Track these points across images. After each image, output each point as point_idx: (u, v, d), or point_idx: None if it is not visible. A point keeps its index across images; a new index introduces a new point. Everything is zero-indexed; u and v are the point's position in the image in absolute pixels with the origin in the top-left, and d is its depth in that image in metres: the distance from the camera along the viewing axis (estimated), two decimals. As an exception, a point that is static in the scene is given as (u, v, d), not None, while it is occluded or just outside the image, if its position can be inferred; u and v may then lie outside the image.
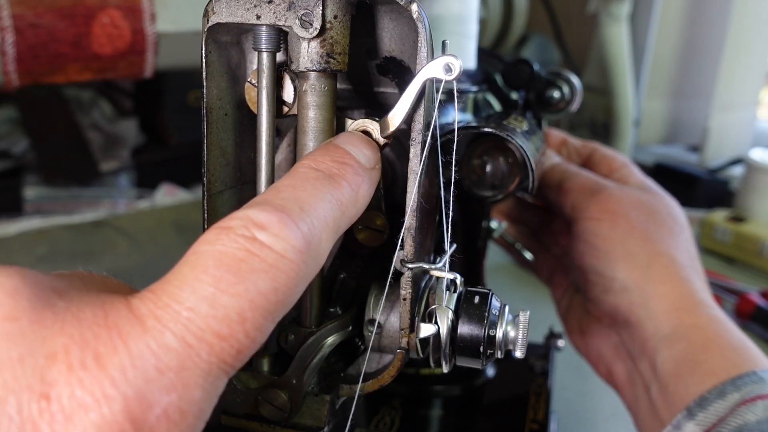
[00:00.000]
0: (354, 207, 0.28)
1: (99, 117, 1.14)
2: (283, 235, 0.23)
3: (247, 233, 0.23)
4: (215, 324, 0.21)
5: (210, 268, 0.22)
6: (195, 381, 0.21)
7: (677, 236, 0.52)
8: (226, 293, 0.22)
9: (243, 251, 0.23)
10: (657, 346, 0.47)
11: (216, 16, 0.30)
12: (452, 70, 0.29)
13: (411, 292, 0.31)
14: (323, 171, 0.27)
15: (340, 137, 0.30)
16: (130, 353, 0.20)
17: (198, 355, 0.21)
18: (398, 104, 0.30)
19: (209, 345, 0.21)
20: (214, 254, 0.23)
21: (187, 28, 0.60)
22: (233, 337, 0.22)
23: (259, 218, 0.24)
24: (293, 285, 0.24)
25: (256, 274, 0.22)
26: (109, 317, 0.21)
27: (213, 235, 0.23)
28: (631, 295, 0.49)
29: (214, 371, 0.21)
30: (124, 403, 0.20)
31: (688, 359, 0.46)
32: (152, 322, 0.21)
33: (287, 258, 0.23)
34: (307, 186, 0.26)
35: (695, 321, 0.47)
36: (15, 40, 0.49)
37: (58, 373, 0.20)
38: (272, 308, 0.23)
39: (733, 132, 1.26)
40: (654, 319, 0.48)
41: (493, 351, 0.32)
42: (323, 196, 0.26)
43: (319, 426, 0.32)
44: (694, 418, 0.43)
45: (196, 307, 0.21)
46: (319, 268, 0.26)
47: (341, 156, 0.28)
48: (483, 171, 0.44)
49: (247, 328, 0.22)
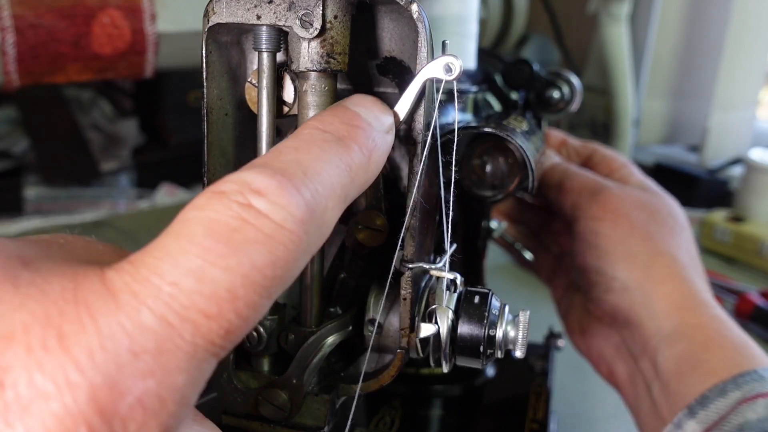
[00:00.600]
0: (365, 174, 0.25)
1: (99, 117, 1.14)
2: (282, 202, 0.21)
3: (242, 199, 0.20)
4: (201, 301, 0.19)
5: (198, 237, 0.19)
6: (177, 365, 0.18)
7: (678, 236, 0.52)
8: (215, 266, 0.19)
9: (237, 219, 0.20)
10: (658, 345, 0.47)
11: (216, 16, 0.30)
12: (452, 70, 0.29)
13: (411, 292, 0.31)
14: (331, 133, 0.24)
15: (351, 99, 0.27)
16: (100, 333, 0.18)
17: (180, 336, 0.18)
18: (398, 104, 0.30)
19: (194, 325, 0.19)
20: (204, 222, 0.20)
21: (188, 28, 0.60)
22: (222, 317, 0.19)
23: (256, 183, 0.21)
24: (293, 259, 0.21)
25: (250, 246, 0.20)
26: (79, 291, 0.19)
27: (204, 200, 0.21)
28: (632, 295, 0.49)
29: (200, 354, 0.19)
30: (90, 391, 0.17)
31: (690, 358, 0.46)
32: (127, 298, 0.18)
33: (286, 228, 0.20)
34: (313, 148, 0.23)
35: (696, 320, 0.47)
36: (15, 40, 0.49)
37: (15, 356, 0.17)
38: (268, 284, 0.20)
39: (732, 132, 1.26)
40: (655, 318, 0.48)
41: (493, 351, 0.32)
42: (330, 160, 0.23)
43: (319, 426, 0.33)
44: (695, 417, 0.43)
45: (179, 282, 0.19)
46: (323, 240, 0.23)
47: (351, 118, 0.26)
48: (483, 171, 0.44)
49: (239, 307, 0.19)
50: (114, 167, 1.11)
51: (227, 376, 0.33)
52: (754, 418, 0.41)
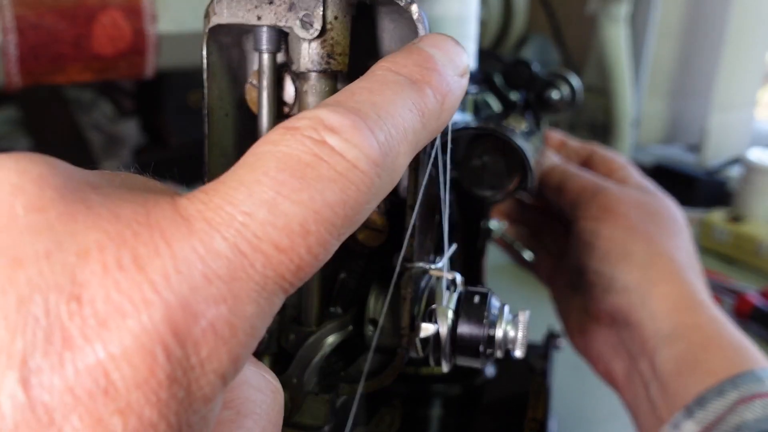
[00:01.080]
0: (437, 120, 0.24)
1: (100, 117, 1.14)
2: (356, 141, 0.20)
3: (316, 135, 0.20)
4: (274, 233, 0.18)
5: (272, 171, 0.19)
6: (247, 294, 0.18)
7: (677, 236, 0.52)
8: (288, 199, 0.19)
9: (310, 155, 0.19)
10: (657, 345, 0.48)
11: (217, 17, 0.30)
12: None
13: (411, 291, 0.32)
14: (405, 75, 0.24)
15: (426, 39, 0.26)
16: (174, 256, 0.17)
17: (252, 266, 0.18)
18: None
19: (266, 256, 0.18)
20: (277, 155, 0.19)
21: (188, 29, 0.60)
22: (294, 251, 0.19)
23: (331, 120, 0.20)
24: (364, 200, 0.20)
25: (323, 183, 0.19)
26: (152, 215, 0.18)
27: (278, 134, 0.20)
28: (630, 295, 0.49)
29: (269, 286, 0.19)
30: (166, 311, 0.17)
31: (688, 359, 0.46)
32: (201, 224, 0.18)
33: (359, 168, 0.20)
34: (386, 90, 0.23)
35: (695, 321, 0.47)
36: (17, 40, 0.49)
37: (91, 272, 0.17)
38: (339, 223, 0.20)
39: (731, 132, 1.26)
40: (654, 318, 0.48)
41: (492, 350, 0.32)
42: (404, 103, 0.23)
43: (320, 425, 0.33)
44: (693, 417, 0.43)
45: (253, 212, 0.18)
46: (393, 185, 0.22)
47: (426, 60, 0.25)
48: (483, 171, 0.44)
49: (310, 242, 0.19)
50: (114, 167, 1.11)
51: (228, 375, 0.33)
52: (751, 419, 0.41)
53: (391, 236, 0.33)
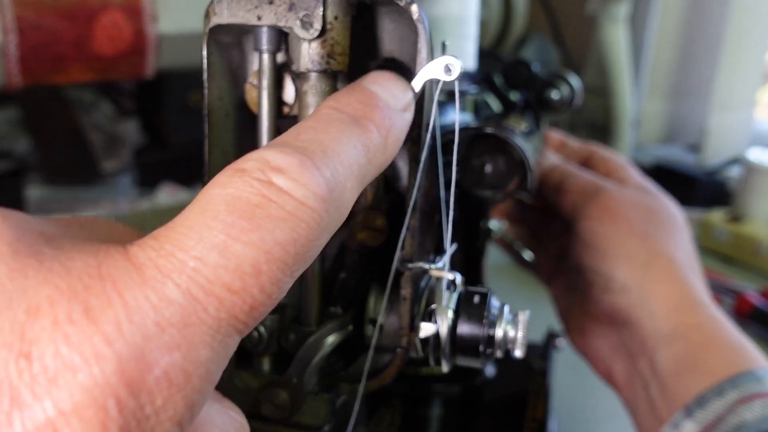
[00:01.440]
0: (382, 154, 0.25)
1: (100, 117, 1.15)
2: (303, 180, 0.21)
3: (263, 176, 0.20)
4: (226, 276, 0.19)
5: (221, 214, 0.19)
6: (201, 339, 0.18)
7: (676, 236, 0.52)
8: (238, 241, 0.19)
9: (259, 196, 0.20)
10: (656, 345, 0.48)
11: (217, 17, 0.30)
12: (452, 70, 0.29)
13: (411, 291, 0.32)
14: (348, 113, 0.24)
15: (368, 77, 0.27)
16: (127, 306, 0.18)
17: (205, 310, 0.19)
18: None
19: (218, 299, 0.19)
20: (226, 198, 0.20)
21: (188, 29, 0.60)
22: (246, 291, 0.19)
23: (277, 160, 0.21)
24: (314, 237, 0.21)
25: (273, 222, 0.20)
26: (103, 267, 0.18)
27: (226, 177, 0.21)
28: (630, 295, 0.49)
29: (223, 329, 0.19)
30: (118, 363, 0.17)
31: (687, 358, 0.46)
32: (153, 272, 0.18)
33: (308, 206, 0.20)
34: (331, 128, 0.23)
35: (694, 320, 0.47)
36: (17, 40, 0.49)
37: (41, 328, 0.17)
38: (291, 261, 0.20)
39: (731, 132, 1.26)
40: (653, 318, 0.48)
41: (492, 350, 0.32)
42: (348, 140, 0.23)
43: (320, 425, 0.33)
44: (693, 417, 0.43)
45: (204, 257, 0.19)
46: (342, 220, 0.23)
47: (369, 97, 0.26)
48: (483, 171, 0.44)
49: (263, 282, 0.19)
50: (115, 167, 1.11)
51: (228, 375, 0.33)
52: (751, 419, 0.41)
53: (391, 236, 0.33)
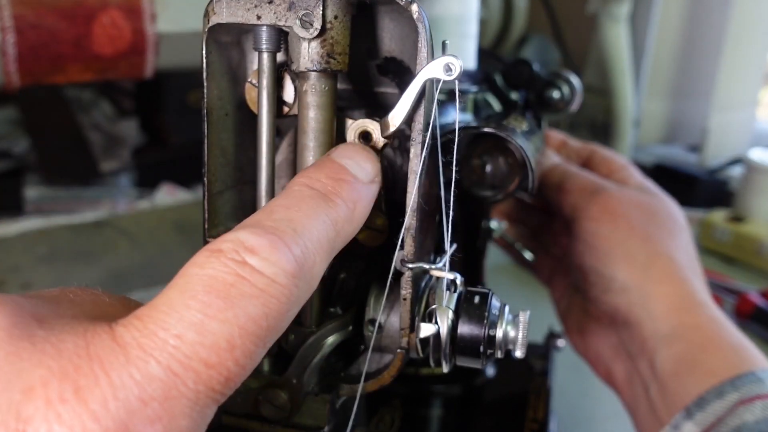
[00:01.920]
0: (350, 225, 0.27)
1: (99, 117, 1.14)
2: (273, 259, 0.23)
3: (238, 257, 0.22)
4: (203, 352, 0.21)
5: (199, 294, 0.22)
6: (181, 410, 0.20)
7: (677, 237, 0.52)
8: (214, 319, 0.21)
9: (233, 276, 0.22)
10: (656, 346, 0.48)
11: (216, 17, 0.30)
12: (452, 70, 0.29)
13: (411, 292, 0.32)
14: (318, 189, 0.27)
15: (338, 150, 0.29)
16: (112, 384, 0.20)
17: (184, 384, 0.21)
18: (398, 104, 0.30)
19: (196, 373, 0.21)
20: (204, 279, 0.22)
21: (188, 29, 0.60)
22: (222, 365, 0.21)
23: (250, 242, 0.23)
24: (285, 310, 0.23)
25: (246, 300, 0.22)
26: (91, 347, 0.21)
27: (203, 257, 0.23)
28: (630, 295, 0.49)
29: (201, 400, 0.21)
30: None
31: (687, 359, 0.46)
32: (136, 351, 0.20)
33: (278, 283, 0.23)
34: (302, 206, 0.26)
35: (694, 321, 0.47)
36: (16, 40, 0.49)
37: (35, 408, 0.19)
38: (263, 334, 0.22)
39: (732, 132, 1.26)
40: (653, 319, 0.48)
41: (493, 351, 0.32)
42: (318, 217, 0.26)
43: (320, 426, 0.33)
44: (693, 418, 0.43)
45: (183, 335, 0.21)
46: (311, 291, 0.25)
47: (337, 172, 0.28)
48: (483, 171, 0.44)
49: (237, 356, 0.22)
50: (114, 167, 1.11)
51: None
52: (751, 420, 0.41)
53: (391, 236, 0.33)
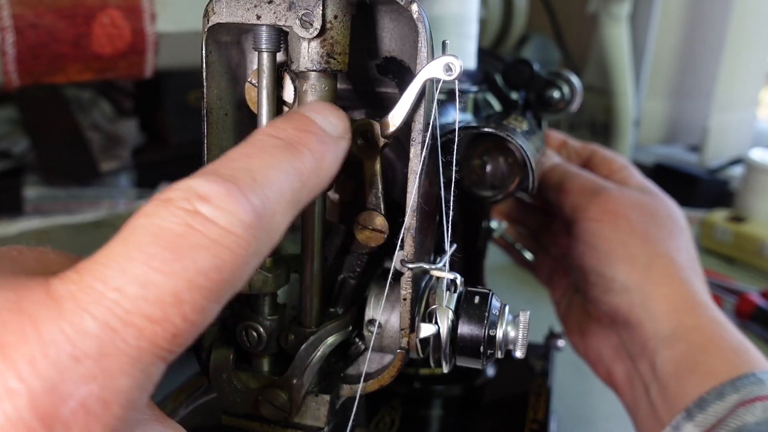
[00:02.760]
0: (317, 177, 0.25)
1: (99, 117, 1.14)
2: (228, 208, 0.21)
3: (189, 206, 0.21)
4: (146, 306, 0.19)
5: (144, 245, 0.20)
6: (120, 368, 0.19)
7: (677, 238, 0.52)
8: (159, 272, 0.20)
9: (182, 226, 0.20)
10: (656, 347, 0.47)
11: (216, 16, 0.30)
12: (453, 70, 0.29)
13: (411, 292, 0.31)
14: (283, 139, 0.25)
15: (307, 105, 0.28)
16: (42, 340, 0.18)
17: (123, 341, 0.19)
18: (398, 104, 0.30)
19: (138, 329, 0.19)
20: (150, 229, 0.20)
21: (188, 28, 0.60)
22: (167, 321, 0.20)
23: (203, 189, 0.21)
24: (241, 263, 0.21)
25: (196, 252, 0.20)
26: (22, 301, 0.19)
27: (151, 207, 0.21)
28: (631, 296, 0.49)
29: (144, 357, 0.20)
30: (30, 398, 0.18)
31: (688, 360, 0.46)
32: (70, 305, 0.19)
33: (233, 233, 0.21)
34: (263, 154, 0.24)
35: (695, 322, 0.47)
36: (15, 40, 0.49)
37: None
38: (215, 288, 0.21)
39: (732, 132, 1.26)
40: (654, 320, 0.48)
41: (493, 351, 0.32)
42: (280, 165, 0.24)
43: (320, 426, 0.33)
44: (693, 420, 0.43)
45: (123, 288, 0.19)
46: (273, 244, 0.23)
47: (305, 124, 0.26)
48: (483, 171, 0.44)
49: (185, 311, 0.20)
50: (114, 167, 1.11)
51: (227, 376, 0.33)
52: (752, 422, 0.41)
53: (391, 236, 0.33)
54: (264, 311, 0.33)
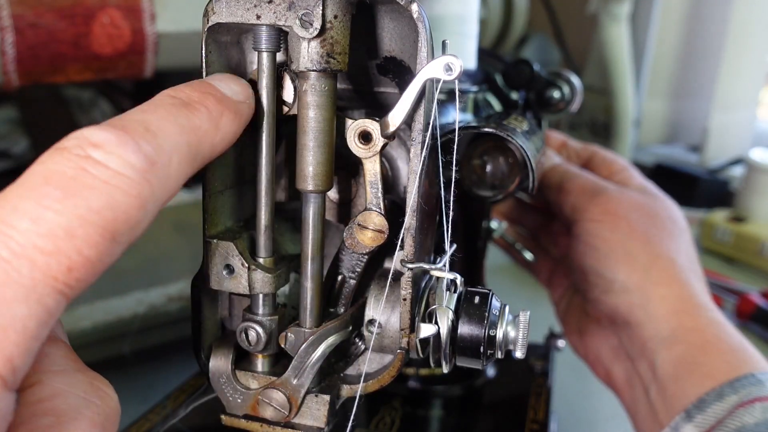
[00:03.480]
0: (215, 134, 0.27)
1: (99, 117, 1.14)
2: (118, 153, 0.23)
3: (81, 152, 0.22)
4: (37, 239, 0.21)
5: (36, 186, 0.22)
6: (14, 296, 0.20)
7: (677, 239, 0.52)
8: (50, 209, 0.21)
9: (75, 169, 0.22)
10: (656, 348, 0.47)
11: (216, 16, 0.30)
12: (452, 70, 0.29)
13: (411, 292, 0.31)
14: (181, 98, 0.26)
15: (213, 75, 0.29)
16: None
17: (17, 271, 0.20)
18: (398, 104, 0.30)
19: (31, 261, 0.21)
20: (44, 172, 0.22)
21: (187, 28, 0.60)
22: (61, 253, 0.21)
23: (96, 137, 0.23)
24: (136, 204, 0.23)
25: (87, 191, 0.22)
26: None
27: (47, 155, 0.23)
28: (630, 297, 0.49)
29: (40, 288, 0.21)
30: None
31: (687, 361, 0.46)
32: None
33: (124, 175, 0.22)
34: (159, 110, 0.25)
35: (694, 323, 0.47)
36: (15, 40, 0.49)
37: None
38: (110, 226, 0.22)
39: (733, 132, 1.26)
40: (653, 321, 0.48)
41: (493, 351, 0.32)
42: (175, 120, 0.25)
43: (320, 426, 0.32)
44: (693, 420, 0.43)
45: (15, 224, 0.21)
46: (169, 192, 0.25)
47: (204, 86, 0.28)
48: (483, 171, 0.44)
49: (78, 245, 0.21)
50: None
51: (227, 376, 0.33)
52: (751, 423, 0.41)
53: (391, 236, 0.33)
54: (264, 311, 0.32)
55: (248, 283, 0.31)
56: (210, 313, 0.34)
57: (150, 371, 0.63)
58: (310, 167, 0.30)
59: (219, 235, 0.32)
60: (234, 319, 0.35)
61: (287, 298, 0.36)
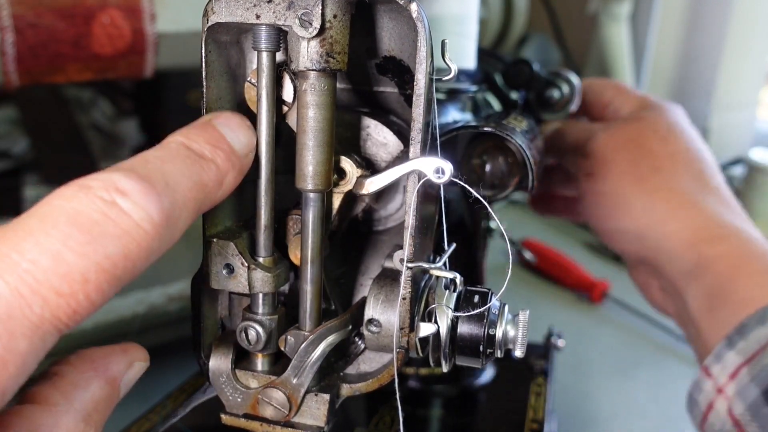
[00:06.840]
0: (218, 191, 0.28)
1: (99, 117, 1.14)
2: (143, 204, 0.23)
3: (107, 196, 0.23)
4: (55, 280, 0.21)
5: (61, 224, 0.22)
6: (21, 331, 0.21)
7: (676, 162, 0.50)
8: (73, 251, 0.22)
9: (99, 213, 0.22)
10: (684, 284, 0.46)
11: (216, 16, 0.30)
12: (442, 174, 0.29)
13: (410, 291, 0.31)
14: (195, 151, 0.27)
15: (220, 117, 0.30)
16: None
17: (29, 307, 0.21)
18: (382, 175, 0.31)
19: (44, 299, 0.21)
20: (69, 211, 0.22)
21: (187, 28, 0.60)
22: (72, 296, 0.21)
23: (123, 184, 0.23)
24: (144, 256, 0.23)
25: (108, 239, 0.22)
26: None
27: (71, 191, 0.23)
28: (646, 242, 0.48)
29: (45, 326, 0.21)
30: None
31: (717, 291, 0.44)
32: None
33: (143, 228, 0.23)
34: (177, 162, 0.26)
35: (716, 251, 0.45)
36: (15, 39, 0.49)
37: None
38: (118, 274, 0.23)
39: (733, 132, 1.26)
40: (674, 259, 0.46)
41: (492, 350, 0.32)
42: (190, 176, 0.26)
43: (319, 425, 0.33)
44: (735, 347, 0.41)
45: (37, 260, 0.21)
46: (171, 244, 0.26)
47: (216, 139, 0.28)
48: (483, 170, 0.44)
49: (89, 290, 0.22)
50: (114, 167, 1.11)
51: (227, 375, 0.33)
52: None
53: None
54: (264, 311, 0.32)
55: (248, 282, 0.31)
56: (210, 313, 0.34)
57: (150, 371, 0.63)
58: (309, 167, 0.30)
59: (219, 235, 0.32)
60: (234, 318, 0.35)
61: (287, 298, 0.36)
